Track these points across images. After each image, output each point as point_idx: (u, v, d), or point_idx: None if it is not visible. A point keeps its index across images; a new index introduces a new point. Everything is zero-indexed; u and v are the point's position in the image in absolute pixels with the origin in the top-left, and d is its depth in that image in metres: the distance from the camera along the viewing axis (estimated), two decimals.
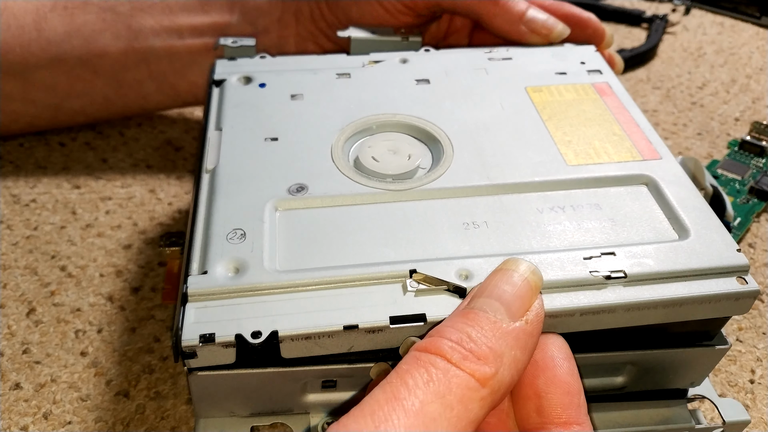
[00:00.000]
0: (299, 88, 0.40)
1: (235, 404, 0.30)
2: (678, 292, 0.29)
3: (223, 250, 0.30)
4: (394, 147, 0.36)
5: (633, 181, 0.35)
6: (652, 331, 0.30)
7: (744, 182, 0.53)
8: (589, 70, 0.43)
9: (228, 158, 0.35)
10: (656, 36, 0.76)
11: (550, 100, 0.40)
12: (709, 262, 0.30)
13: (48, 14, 0.46)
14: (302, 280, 0.29)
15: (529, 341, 0.25)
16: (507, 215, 0.32)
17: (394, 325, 0.27)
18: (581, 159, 0.36)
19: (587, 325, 0.29)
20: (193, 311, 0.27)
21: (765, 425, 0.37)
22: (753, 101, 0.67)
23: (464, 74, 0.42)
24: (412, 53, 0.44)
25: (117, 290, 0.41)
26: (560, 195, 0.34)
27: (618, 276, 0.29)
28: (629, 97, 0.41)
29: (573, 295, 0.29)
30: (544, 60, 0.44)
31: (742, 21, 0.84)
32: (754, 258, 0.48)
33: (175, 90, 0.50)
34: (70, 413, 0.35)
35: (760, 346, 0.41)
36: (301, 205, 0.32)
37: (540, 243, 0.31)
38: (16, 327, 0.39)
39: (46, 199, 0.48)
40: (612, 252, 0.30)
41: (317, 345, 0.27)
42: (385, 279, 0.29)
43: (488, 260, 0.29)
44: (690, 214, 0.32)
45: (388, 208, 0.32)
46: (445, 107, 0.39)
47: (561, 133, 0.38)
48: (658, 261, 0.30)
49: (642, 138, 0.37)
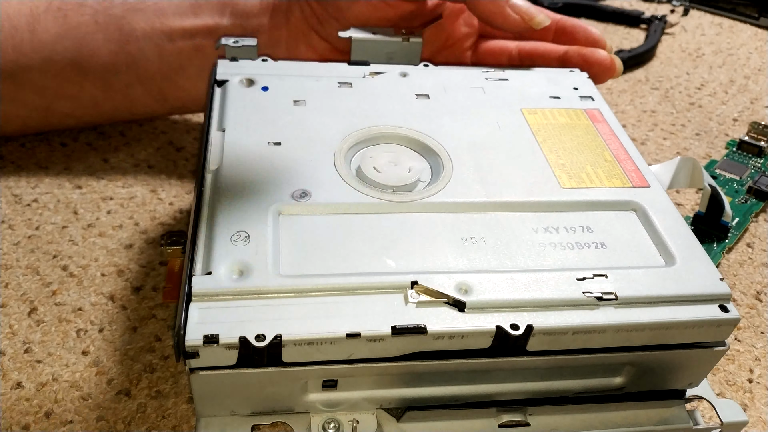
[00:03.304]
0: (302, 93, 0.41)
1: (236, 403, 0.31)
2: (664, 316, 0.30)
3: (227, 252, 0.30)
4: (395, 159, 0.37)
5: (623, 207, 0.36)
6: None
7: (742, 182, 0.53)
8: (582, 96, 0.44)
9: (231, 160, 0.35)
10: (655, 37, 0.76)
11: (545, 123, 0.41)
12: (693, 289, 0.31)
13: (42, 15, 0.46)
14: (306, 286, 0.29)
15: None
16: (504, 233, 0.33)
17: (396, 335, 0.28)
18: (574, 182, 0.37)
19: (578, 344, 0.30)
20: (197, 311, 0.28)
21: (764, 424, 0.37)
22: (751, 101, 0.67)
23: (462, 92, 0.43)
24: (411, 68, 0.45)
25: (118, 290, 0.42)
26: (554, 216, 0.34)
27: (609, 298, 0.30)
28: (619, 125, 0.42)
29: (567, 314, 0.29)
30: (539, 83, 0.45)
31: (740, 22, 0.84)
32: (752, 258, 0.48)
33: (162, 95, 0.50)
34: (71, 412, 0.35)
35: (758, 346, 0.42)
36: (305, 210, 0.33)
37: (535, 262, 0.32)
38: (17, 326, 0.39)
39: (47, 198, 0.48)
40: (604, 274, 0.31)
41: (318, 351, 0.28)
42: (386, 289, 0.29)
43: (486, 276, 0.30)
44: (676, 242, 0.33)
45: (390, 219, 0.33)
46: (444, 123, 0.40)
47: (555, 156, 0.38)
48: (646, 285, 0.31)
49: (631, 165, 0.38)
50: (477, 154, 0.38)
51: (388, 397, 0.32)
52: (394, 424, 0.32)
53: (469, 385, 0.32)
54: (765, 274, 0.47)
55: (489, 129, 0.40)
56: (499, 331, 0.28)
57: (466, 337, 0.28)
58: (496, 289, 0.30)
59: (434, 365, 0.30)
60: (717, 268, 0.33)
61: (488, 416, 0.32)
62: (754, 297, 0.45)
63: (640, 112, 0.65)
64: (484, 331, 0.28)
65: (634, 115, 0.64)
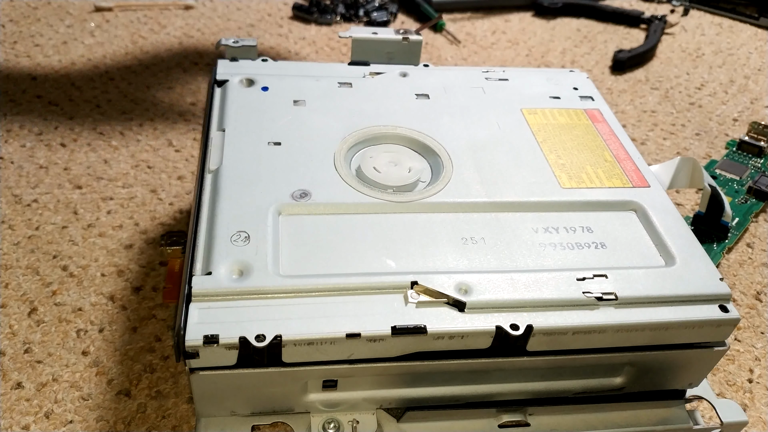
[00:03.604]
0: (301, 93, 0.41)
1: (236, 403, 0.31)
2: (664, 316, 0.30)
3: (227, 252, 0.30)
4: (395, 159, 0.37)
5: (623, 207, 0.36)
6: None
7: (742, 182, 0.53)
8: (582, 96, 0.44)
9: (231, 159, 0.35)
10: (655, 37, 0.76)
11: (545, 123, 0.41)
12: (693, 289, 0.31)
13: None
14: (306, 286, 0.29)
15: None
16: (504, 233, 0.33)
17: (396, 335, 0.28)
18: (574, 182, 0.37)
19: (578, 344, 0.30)
20: (197, 311, 0.28)
21: (764, 424, 0.37)
22: (751, 102, 0.67)
23: (462, 92, 0.43)
24: (411, 68, 0.45)
25: (118, 290, 0.42)
26: (554, 216, 0.34)
27: (609, 298, 0.30)
28: (619, 125, 0.42)
29: (566, 314, 0.29)
30: (539, 83, 0.45)
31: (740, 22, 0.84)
32: (752, 258, 0.48)
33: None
34: (71, 412, 0.35)
35: (758, 346, 0.42)
36: (305, 211, 0.33)
37: (535, 262, 0.32)
38: (17, 326, 0.39)
39: (47, 199, 0.48)
40: (604, 274, 0.31)
41: (318, 351, 0.28)
42: (386, 289, 0.29)
43: (486, 276, 0.30)
44: (676, 242, 0.33)
45: (390, 219, 0.33)
46: (444, 123, 0.40)
47: (555, 156, 0.38)
48: (646, 285, 0.31)
49: (631, 165, 0.38)
50: (477, 154, 0.38)
51: (388, 397, 0.32)
52: (394, 424, 0.32)
53: (469, 385, 0.32)
54: (765, 274, 0.47)
55: (489, 129, 0.40)
56: (499, 331, 0.28)
57: (466, 337, 0.28)
58: (496, 289, 0.30)
59: (434, 365, 0.30)
60: (717, 268, 0.33)
61: (488, 416, 0.32)
62: (754, 297, 0.45)
63: (640, 112, 0.65)
64: (484, 331, 0.28)
65: (634, 115, 0.64)
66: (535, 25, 0.81)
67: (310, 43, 0.72)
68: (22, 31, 0.69)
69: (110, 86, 0.61)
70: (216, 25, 0.74)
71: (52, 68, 0.63)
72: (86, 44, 0.68)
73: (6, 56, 0.65)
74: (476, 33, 0.78)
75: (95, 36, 0.69)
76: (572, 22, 0.82)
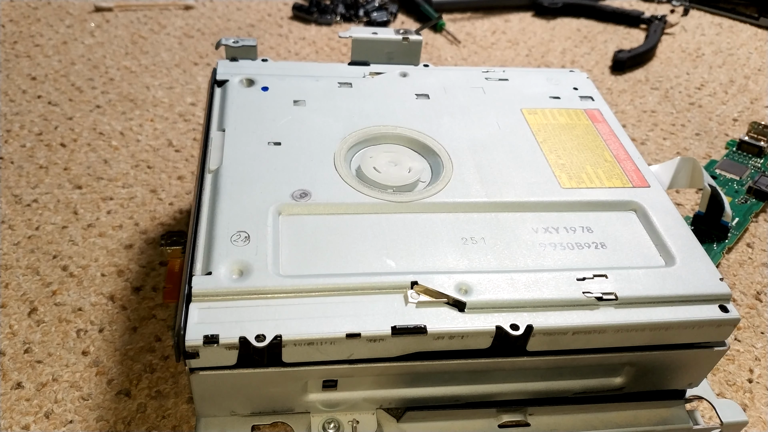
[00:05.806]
0: (301, 94, 0.41)
1: (236, 403, 0.31)
2: (664, 316, 0.30)
3: (227, 252, 0.30)
4: (395, 159, 0.37)
5: (623, 207, 0.36)
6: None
7: (742, 182, 0.53)
8: (582, 96, 0.44)
9: (231, 160, 0.35)
10: (655, 37, 0.76)
11: (545, 123, 0.41)
12: (694, 289, 0.31)
13: None
14: (306, 286, 0.29)
15: None
16: (504, 233, 0.33)
17: (396, 335, 0.28)
18: (574, 182, 0.37)
19: (578, 344, 0.30)
20: (197, 311, 0.28)
21: (764, 424, 0.37)
22: (751, 102, 0.67)
23: (462, 92, 0.43)
24: (411, 68, 0.45)
25: (118, 290, 0.42)
26: (554, 216, 0.35)
27: (609, 298, 0.30)
28: (619, 125, 0.42)
29: (567, 314, 0.30)
30: (539, 83, 0.45)
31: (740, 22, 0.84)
32: (752, 258, 0.48)
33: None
34: (71, 412, 0.35)
35: (758, 346, 0.42)
36: (305, 211, 0.33)
37: (535, 262, 0.32)
38: (17, 326, 0.39)
39: (47, 199, 0.48)
40: (604, 274, 0.31)
41: (318, 351, 0.28)
42: (386, 289, 0.29)
43: (486, 276, 0.30)
44: (676, 242, 0.33)
45: (390, 219, 0.33)
46: (444, 123, 0.40)
47: (555, 156, 0.38)
48: (646, 285, 0.31)
49: (631, 165, 0.38)
50: (477, 154, 0.38)
51: (388, 397, 0.32)
52: (394, 424, 0.32)
53: (469, 385, 0.32)
54: (765, 274, 0.47)
55: (489, 129, 0.40)
56: (499, 331, 0.28)
57: (466, 337, 0.28)
58: (496, 289, 0.30)
59: (434, 365, 0.30)
60: (717, 268, 0.33)
61: (488, 416, 0.32)
62: (754, 297, 0.45)
63: (640, 112, 0.65)
64: (484, 331, 0.28)
65: (634, 115, 0.64)
66: (535, 25, 0.81)
67: (310, 43, 0.72)
68: (22, 31, 0.69)
69: (110, 86, 0.61)
70: (216, 25, 0.74)
71: (52, 68, 0.63)
72: (86, 44, 0.68)
73: (6, 56, 0.65)
74: (476, 33, 0.78)
75: (95, 36, 0.69)
76: (572, 22, 0.82)
